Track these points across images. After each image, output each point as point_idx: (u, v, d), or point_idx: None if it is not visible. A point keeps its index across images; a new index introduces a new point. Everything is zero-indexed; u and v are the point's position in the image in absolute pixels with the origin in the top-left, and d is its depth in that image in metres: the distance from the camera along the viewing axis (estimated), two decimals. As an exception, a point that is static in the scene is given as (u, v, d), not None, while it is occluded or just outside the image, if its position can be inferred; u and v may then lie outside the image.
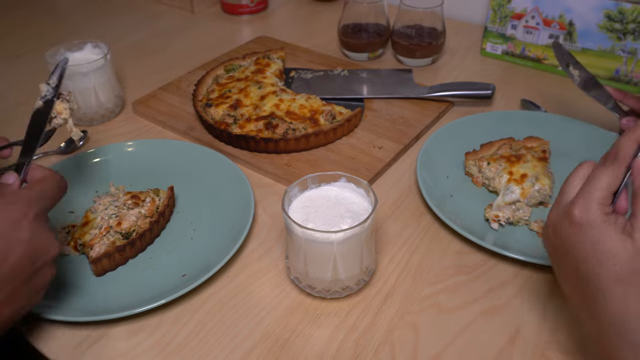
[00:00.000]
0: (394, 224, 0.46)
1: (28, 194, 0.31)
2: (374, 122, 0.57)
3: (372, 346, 0.36)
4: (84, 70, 0.55)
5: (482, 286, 0.40)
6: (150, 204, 0.44)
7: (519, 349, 0.36)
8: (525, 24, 0.65)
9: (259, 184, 0.50)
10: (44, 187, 0.32)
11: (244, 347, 0.36)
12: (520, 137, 0.52)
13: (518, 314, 0.38)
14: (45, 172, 0.34)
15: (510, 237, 0.43)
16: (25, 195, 0.31)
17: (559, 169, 0.49)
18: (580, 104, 0.61)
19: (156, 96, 0.62)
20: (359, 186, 0.39)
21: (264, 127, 0.53)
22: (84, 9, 0.90)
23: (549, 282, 0.40)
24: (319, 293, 0.39)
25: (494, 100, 0.62)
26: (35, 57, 0.71)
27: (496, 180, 0.46)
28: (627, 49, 0.60)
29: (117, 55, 0.71)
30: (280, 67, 0.64)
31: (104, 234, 0.42)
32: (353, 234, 0.35)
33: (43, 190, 0.32)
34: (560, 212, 0.29)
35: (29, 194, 0.31)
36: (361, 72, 0.65)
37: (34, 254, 0.29)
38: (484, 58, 0.71)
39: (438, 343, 0.36)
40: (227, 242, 0.42)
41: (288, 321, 0.38)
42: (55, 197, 0.33)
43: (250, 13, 0.85)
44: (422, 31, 0.67)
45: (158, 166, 0.51)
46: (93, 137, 0.58)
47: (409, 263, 0.42)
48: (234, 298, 0.39)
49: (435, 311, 0.38)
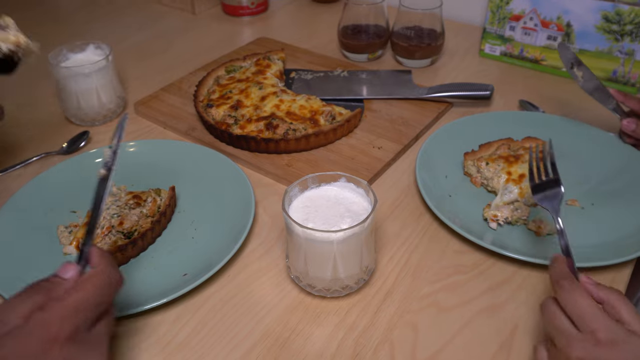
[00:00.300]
0: (393, 224, 0.46)
1: (61, 310, 0.26)
2: (373, 123, 0.58)
3: (372, 345, 0.36)
4: (86, 71, 0.55)
5: (480, 285, 0.40)
6: (152, 203, 0.45)
7: (516, 347, 0.36)
8: (524, 25, 0.66)
9: (260, 184, 0.51)
10: (84, 294, 0.27)
11: (245, 345, 0.36)
12: (518, 138, 0.52)
13: (516, 312, 0.38)
14: (96, 269, 0.29)
15: (508, 236, 0.43)
16: (57, 313, 0.25)
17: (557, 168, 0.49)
18: (578, 104, 0.61)
19: (158, 97, 0.63)
20: (359, 186, 0.39)
21: (264, 127, 0.54)
22: (86, 10, 0.90)
23: (547, 281, 0.40)
24: (319, 292, 0.39)
25: (493, 101, 0.62)
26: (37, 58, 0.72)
27: (494, 180, 0.47)
28: (625, 50, 0.61)
29: (119, 56, 0.71)
30: (280, 68, 0.64)
31: (106, 234, 0.42)
32: (353, 233, 0.35)
33: (83, 298, 0.27)
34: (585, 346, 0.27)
35: (61, 310, 0.26)
36: (361, 73, 0.66)
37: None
38: (483, 59, 0.71)
39: (437, 341, 0.36)
40: (227, 241, 0.42)
41: (288, 320, 0.38)
42: (102, 300, 0.28)
43: (250, 14, 0.85)
44: (421, 32, 0.67)
45: (159, 166, 0.51)
46: (95, 137, 0.58)
47: (408, 262, 0.42)
48: (234, 297, 0.40)
49: (434, 310, 0.39)
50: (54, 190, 0.48)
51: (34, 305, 0.26)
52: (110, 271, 0.29)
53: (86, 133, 0.57)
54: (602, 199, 0.47)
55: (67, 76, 0.56)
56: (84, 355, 0.26)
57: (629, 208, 0.45)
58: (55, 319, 0.26)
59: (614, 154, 0.51)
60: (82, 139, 0.57)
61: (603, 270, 0.41)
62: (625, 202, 0.46)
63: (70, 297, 0.27)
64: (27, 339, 0.25)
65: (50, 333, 0.25)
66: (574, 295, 0.29)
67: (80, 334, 0.26)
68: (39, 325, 0.25)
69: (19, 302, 0.26)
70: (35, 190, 0.48)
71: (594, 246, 0.42)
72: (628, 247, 0.41)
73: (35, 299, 0.26)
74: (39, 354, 0.25)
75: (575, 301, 0.28)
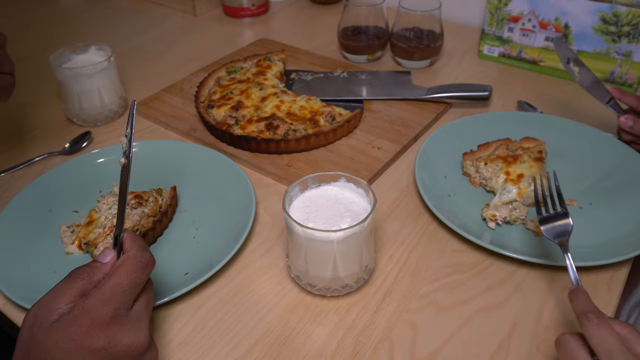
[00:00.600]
0: (392, 223, 0.46)
1: (100, 295, 0.28)
2: (373, 123, 0.58)
3: (371, 343, 0.36)
4: (88, 72, 0.56)
5: (479, 284, 0.40)
6: (154, 203, 0.45)
7: (515, 346, 0.36)
8: (522, 26, 0.66)
9: (260, 184, 0.51)
10: (119, 278, 0.29)
11: (246, 344, 0.37)
12: (516, 138, 0.52)
13: (514, 311, 0.38)
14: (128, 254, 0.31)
15: (506, 236, 0.44)
16: (97, 298, 0.28)
17: (555, 169, 0.50)
18: (576, 105, 0.61)
19: (159, 98, 0.63)
20: (359, 186, 0.39)
21: (265, 128, 0.54)
22: (89, 12, 0.90)
23: (545, 281, 0.41)
24: (319, 291, 0.39)
25: (491, 101, 0.62)
26: (40, 59, 0.72)
27: (493, 180, 0.47)
28: (622, 51, 0.61)
29: (121, 57, 0.71)
30: (281, 69, 0.64)
31: (107, 233, 0.42)
32: (352, 233, 0.35)
33: (119, 283, 0.29)
34: None
35: (101, 295, 0.28)
36: (360, 74, 0.66)
37: (115, 358, 0.27)
38: (481, 60, 0.72)
39: (436, 340, 0.37)
40: (228, 241, 0.42)
41: (289, 319, 0.38)
42: (137, 281, 0.30)
43: (251, 16, 0.86)
44: (420, 34, 0.67)
45: (161, 166, 0.51)
46: (97, 137, 0.58)
47: (408, 262, 0.43)
48: (235, 296, 0.40)
49: (433, 309, 0.39)
50: (56, 190, 0.48)
51: (76, 292, 0.29)
52: (141, 254, 0.31)
53: (88, 133, 0.58)
54: (600, 198, 0.47)
55: (69, 77, 0.56)
56: (127, 333, 0.28)
57: (627, 207, 0.45)
58: (96, 304, 0.28)
59: (612, 153, 0.51)
60: (85, 140, 0.57)
61: (601, 269, 0.41)
62: (622, 202, 0.46)
63: (108, 283, 0.29)
64: (73, 324, 0.27)
65: (93, 317, 0.28)
66: (602, 330, 0.28)
67: (120, 315, 0.28)
68: (82, 311, 0.28)
69: (63, 290, 0.29)
70: (38, 190, 0.48)
71: (592, 246, 0.42)
72: (626, 246, 0.41)
73: (77, 285, 0.29)
74: (85, 337, 0.27)
75: (603, 337, 0.28)
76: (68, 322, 0.27)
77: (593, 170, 0.50)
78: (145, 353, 0.30)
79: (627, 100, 0.49)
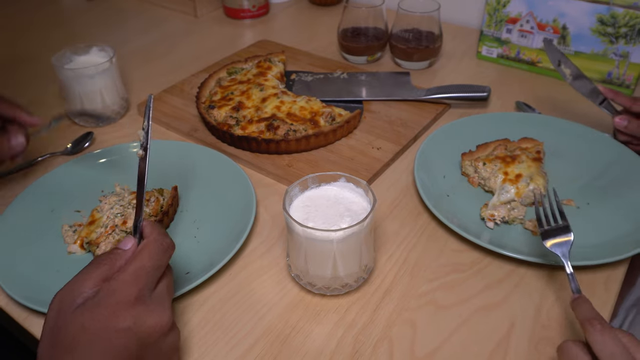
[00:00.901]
0: (392, 223, 0.47)
1: (124, 277, 0.29)
2: (372, 124, 0.58)
3: (371, 342, 0.37)
4: (90, 73, 0.56)
5: (477, 284, 0.41)
6: (155, 203, 0.45)
7: (513, 344, 0.36)
8: (520, 28, 0.67)
9: (261, 184, 0.51)
10: (141, 261, 0.30)
11: (246, 342, 0.37)
12: (515, 138, 0.53)
13: (512, 310, 0.39)
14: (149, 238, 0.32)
15: (505, 235, 0.44)
16: (121, 280, 0.29)
17: (553, 169, 0.50)
18: (574, 105, 0.62)
19: (160, 98, 0.64)
20: (358, 186, 0.39)
21: (265, 128, 0.54)
22: (90, 13, 0.91)
23: (543, 280, 0.41)
24: (319, 290, 0.39)
25: (490, 102, 0.63)
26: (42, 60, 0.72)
27: (492, 180, 0.48)
28: (619, 52, 0.61)
29: (123, 58, 0.72)
30: (281, 70, 0.65)
31: (109, 233, 0.43)
32: (352, 232, 0.35)
33: (141, 265, 0.30)
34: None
35: (124, 277, 0.29)
36: (360, 75, 0.66)
37: (140, 338, 0.28)
38: (480, 61, 0.72)
39: (435, 339, 0.37)
40: (229, 240, 0.43)
41: (289, 317, 0.39)
42: (159, 264, 0.31)
43: (252, 17, 0.86)
44: (419, 35, 0.68)
45: (162, 166, 0.52)
46: (99, 138, 0.59)
47: (407, 261, 0.43)
48: (236, 295, 0.40)
49: (432, 308, 0.39)
50: (58, 190, 0.49)
51: (100, 277, 0.30)
52: (161, 239, 0.32)
53: (90, 134, 0.58)
54: (597, 198, 0.47)
55: (71, 78, 0.56)
56: (150, 313, 0.29)
57: (624, 207, 0.46)
58: (121, 286, 0.29)
59: (608, 153, 0.52)
60: (87, 140, 0.57)
61: (598, 268, 0.42)
62: (619, 202, 0.46)
63: (131, 266, 0.30)
64: (99, 306, 0.28)
65: (119, 298, 0.28)
66: (605, 336, 0.29)
67: (144, 296, 0.29)
68: (107, 293, 0.29)
69: (87, 276, 0.30)
70: (40, 190, 0.48)
71: (590, 245, 0.42)
72: (623, 245, 0.41)
73: (101, 270, 0.30)
74: (111, 317, 0.28)
75: (606, 343, 0.29)
76: (94, 304, 0.28)
77: (590, 170, 0.50)
78: (168, 334, 0.30)
79: (621, 100, 0.50)
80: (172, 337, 0.31)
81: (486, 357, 0.36)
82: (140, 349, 0.29)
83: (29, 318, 0.39)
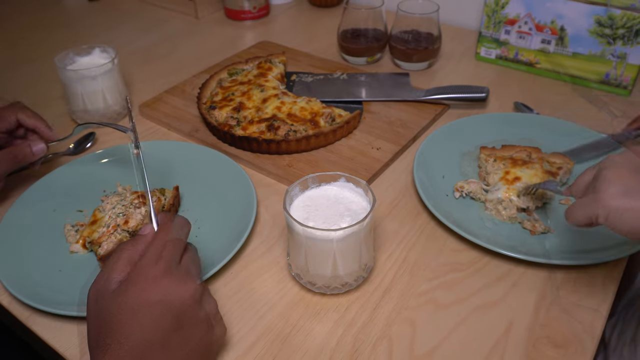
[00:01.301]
0: (391, 223, 0.47)
1: (149, 256, 0.31)
2: (372, 124, 0.59)
3: (371, 340, 0.37)
4: (92, 74, 0.57)
5: (476, 283, 0.41)
6: (156, 203, 0.46)
7: (511, 343, 0.37)
8: (519, 29, 0.67)
9: (261, 183, 0.52)
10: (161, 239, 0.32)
11: (247, 340, 0.37)
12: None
13: (511, 309, 0.39)
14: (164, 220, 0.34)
15: (503, 235, 0.44)
16: (147, 259, 0.31)
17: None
18: (571, 106, 0.62)
19: (162, 99, 0.64)
20: (358, 186, 0.40)
21: (266, 129, 0.55)
22: (93, 15, 0.91)
23: (541, 279, 0.41)
24: (319, 289, 0.40)
25: (488, 103, 0.63)
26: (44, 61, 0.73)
27: (491, 176, 0.48)
28: (617, 53, 0.62)
29: (124, 59, 0.72)
30: (281, 70, 0.65)
31: (111, 232, 0.43)
32: (352, 232, 0.36)
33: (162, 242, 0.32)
34: None
35: (149, 256, 0.31)
36: (360, 76, 0.67)
37: (173, 307, 0.30)
38: (479, 62, 0.72)
39: (434, 337, 0.37)
40: (230, 240, 0.43)
41: (289, 316, 0.39)
42: (178, 238, 0.33)
43: (252, 19, 0.87)
44: (418, 36, 0.68)
45: (164, 166, 0.52)
46: (101, 138, 0.59)
47: (406, 260, 0.43)
48: (237, 294, 0.41)
49: (431, 307, 0.39)
50: (61, 190, 0.49)
51: (126, 261, 0.32)
52: (175, 217, 0.35)
53: (92, 134, 0.58)
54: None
55: (73, 79, 0.57)
56: (178, 284, 0.31)
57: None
58: (147, 264, 0.31)
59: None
60: (89, 140, 0.58)
61: (596, 267, 0.42)
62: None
63: (152, 246, 0.32)
64: (132, 285, 0.30)
65: (147, 275, 0.31)
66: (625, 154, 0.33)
67: (170, 269, 0.31)
68: (136, 273, 0.31)
69: (115, 265, 0.32)
70: (43, 190, 0.49)
71: (588, 244, 0.42)
72: (621, 244, 0.42)
73: (125, 255, 0.32)
74: (143, 293, 0.30)
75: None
76: (127, 284, 0.30)
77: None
78: (201, 301, 0.32)
79: None
80: (208, 306, 0.33)
81: (485, 355, 0.36)
82: (175, 319, 0.30)
83: (32, 317, 0.39)
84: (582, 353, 0.36)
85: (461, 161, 0.52)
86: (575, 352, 0.36)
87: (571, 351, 0.36)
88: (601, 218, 0.32)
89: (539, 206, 0.47)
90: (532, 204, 0.45)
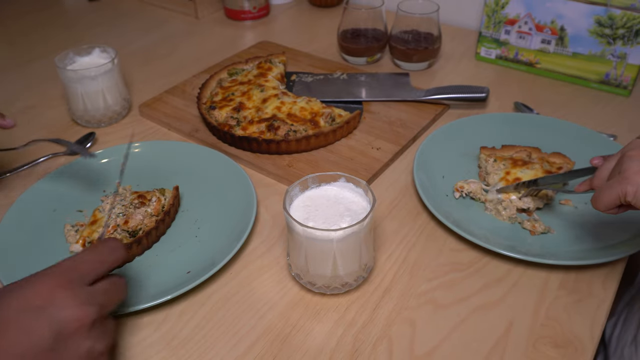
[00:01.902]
0: (391, 223, 0.47)
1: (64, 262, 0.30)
2: (372, 124, 0.59)
3: (370, 340, 0.37)
4: (92, 74, 0.57)
5: (476, 283, 0.41)
6: (156, 203, 0.46)
7: (511, 343, 0.37)
8: (518, 29, 0.67)
9: (261, 183, 0.52)
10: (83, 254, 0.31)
11: (247, 340, 0.37)
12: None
13: (511, 309, 0.39)
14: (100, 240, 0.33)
15: (503, 235, 0.44)
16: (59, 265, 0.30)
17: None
18: (571, 106, 0.62)
19: (162, 99, 0.64)
20: (358, 186, 0.40)
21: (266, 129, 0.55)
22: (93, 15, 0.91)
23: (541, 279, 0.41)
24: (319, 289, 0.40)
25: (488, 103, 0.63)
26: (44, 61, 0.73)
27: (491, 175, 0.48)
28: (617, 53, 0.62)
29: (124, 59, 0.72)
30: (281, 71, 0.65)
31: (111, 232, 0.43)
32: (352, 232, 0.36)
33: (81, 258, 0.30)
34: None
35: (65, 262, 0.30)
36: (360, 76, 0.67)
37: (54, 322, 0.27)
38: (479, 62, 0.72)
39: (434, 337, 0.37)
40: (230, 240, 0.43)
41: (289, 316, 0.39)
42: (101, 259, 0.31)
43: (252, 19, 0.87)
44: (418, 36, 0.68)
45: (164, 167, 0.52)
46: (101, 138, 0.59)
47: (406, 260, 0.43)
48: (237, 294, 0.41)
49: (431, 307, 0.39)
50: (60, 190, 0.49)
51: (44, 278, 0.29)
52: (111, 241, 0.32)
53: (92, 134, 0.58)
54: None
55: (73, 79, 0.57)
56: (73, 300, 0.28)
57: (621, 207, 0.46)
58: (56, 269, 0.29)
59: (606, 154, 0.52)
60: (89, 140, 0.58)
61: (596, 267, 0.42)
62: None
63: (76, 256, 0.31)
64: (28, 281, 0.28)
65: (47, 279, 0.29)
66: None
67: (72, 284, 0.29)
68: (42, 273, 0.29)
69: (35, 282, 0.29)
70: (43, 190, 0.49)
71: (587, 245, 0.43)
72: (620, 245, 0.42)
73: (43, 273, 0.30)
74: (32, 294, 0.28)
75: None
76: (25, 279, 0.29)
77: (588, 171, 0.51)
78: (90, 331, 0.28)
79: None
80: (99, 343, 0.29)
81: (485, 355, 0.36)
82: (53, 335, 0.27)
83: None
84: (582, 353, 0.36)
85: (461, 161, 0.52)
86: (575, 352, 0.36)
87: (571, 351, 0.36)
88: (629, 195, 0.31)
89: (539, 207, 0.47)
90: (533, 204, 0.45)
